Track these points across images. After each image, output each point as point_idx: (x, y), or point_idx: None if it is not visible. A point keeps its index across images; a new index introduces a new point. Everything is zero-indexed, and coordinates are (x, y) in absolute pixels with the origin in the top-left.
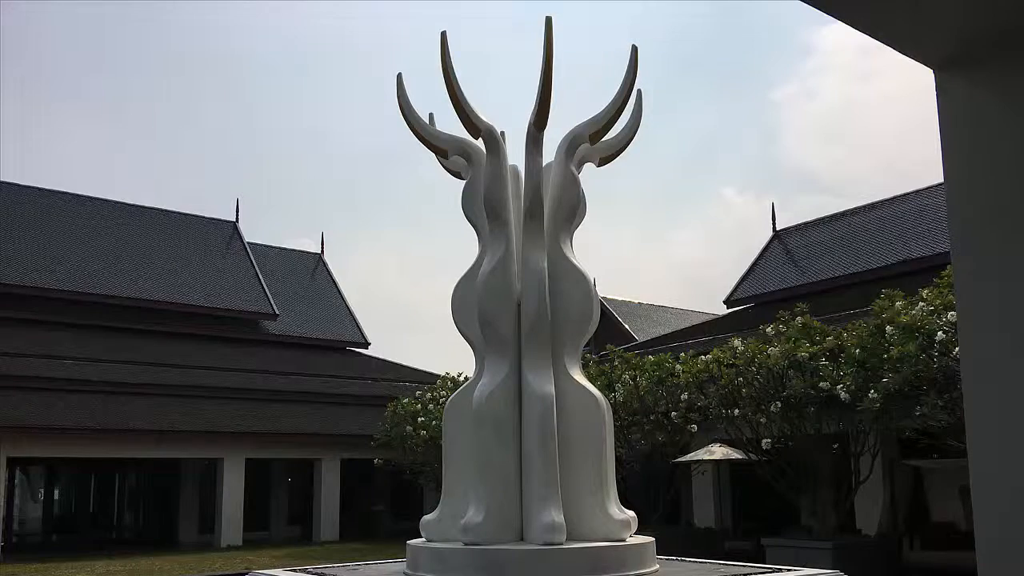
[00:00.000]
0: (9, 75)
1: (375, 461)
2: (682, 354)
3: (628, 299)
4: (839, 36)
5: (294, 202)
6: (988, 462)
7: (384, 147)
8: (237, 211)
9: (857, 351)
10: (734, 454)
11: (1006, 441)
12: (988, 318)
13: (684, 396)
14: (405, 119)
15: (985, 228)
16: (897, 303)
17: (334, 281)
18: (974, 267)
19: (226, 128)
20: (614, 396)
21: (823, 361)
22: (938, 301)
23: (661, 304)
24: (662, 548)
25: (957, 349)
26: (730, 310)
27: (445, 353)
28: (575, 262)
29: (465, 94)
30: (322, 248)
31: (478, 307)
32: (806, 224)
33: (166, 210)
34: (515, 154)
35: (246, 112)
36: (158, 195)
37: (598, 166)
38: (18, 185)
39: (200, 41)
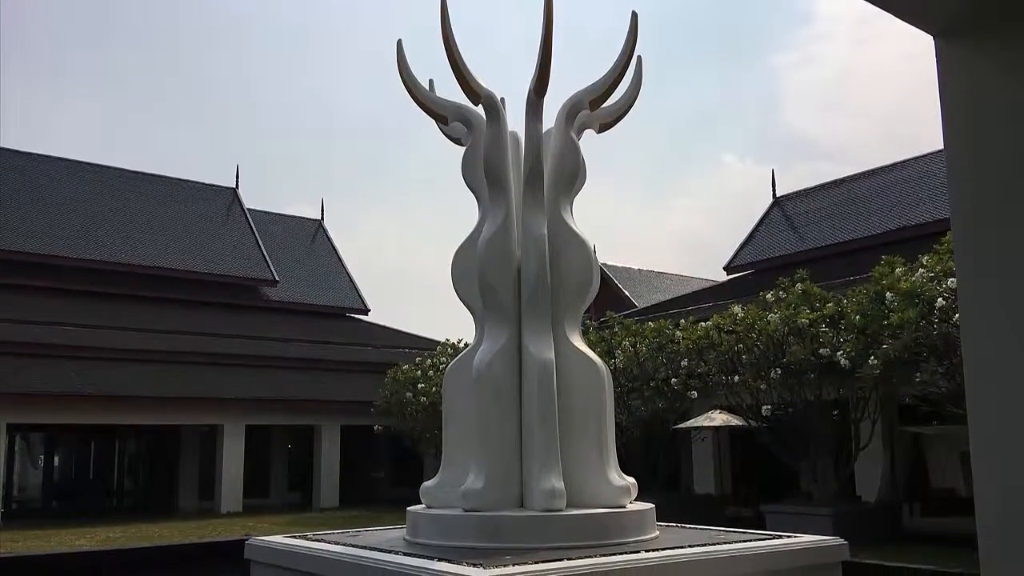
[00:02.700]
0: (9, 44)
1: (375, 428)
2: (682, 320)
3: (628, 265)
4: (839, 3)
5: (294, 168)
6: (988, 433)
7: (384, 113)
8: (237, 177)
9: (857, 317)
10: (734, 421)
11: (1006, 411)
12: (988, 284)
13: (684, 363)
14: (405, 85)
15: (985, 195)
16: (897, 269)
17: (334, 248)
18: (974, 233)
19: (226, 94)
20: (614, 362)
21: (823, 327)
22: (938, 267)
23: (661, 270)
24: (662, 515)
25: (957, 316)
26: (730, 276)
27: (445, 320)
28: (575, 228)
29: (465, 60)
30: (322, 214)
31: (478, 273)
32: (806, 190)
33: (166, 176)
34: (515, 121)
35: (246, 78)
36: (158, 162)
37: (598, 132)
38: (18, 151)
39: (200, 7)
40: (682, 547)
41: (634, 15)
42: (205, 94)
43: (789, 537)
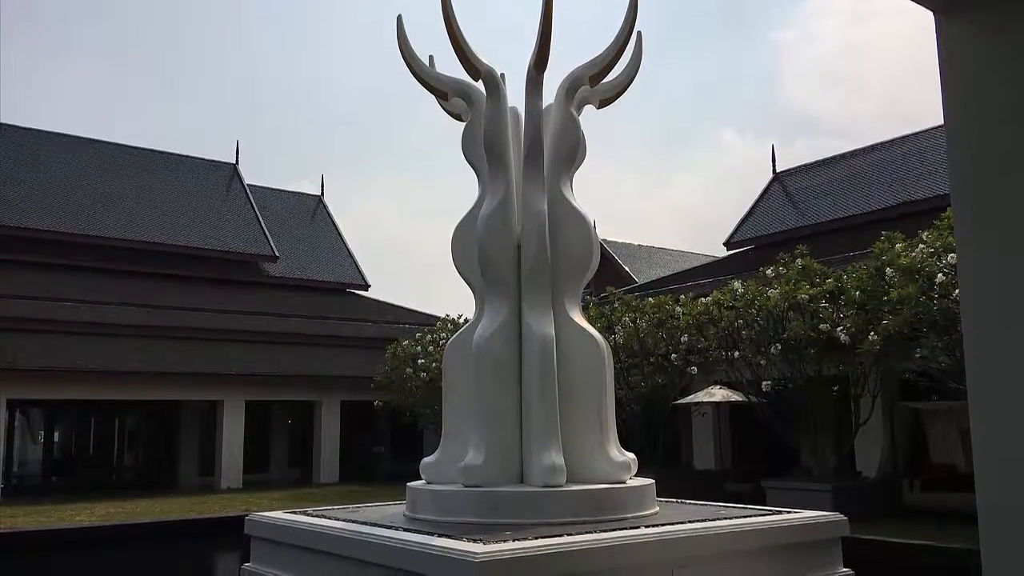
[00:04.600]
0: (10, 19)
1: (375, 403)
2: (682, 296)
3: (628, 241)
4: None
5: (294, 144)
6: (988, 408)
7: (385, 89)
8: (237, 153)
9: (857, 293)
10: (734, 396)
11: (1006, 386)
12: (988, 259)
13: (684, 338)
14: (405, 61)
15: (985, 171)
16: (897, 245)
17: (334, 223)
18: (974, 209)
19: (226, 70)
20: (614, 338)
21: (823, 303)
22: (938, 243)
23: (661, 246)
24: (662, 490)
25: (957, 291)
26: (730, 252)
27: (445, 295)
28: (575, 204)
29: (465, 36)
30: (322, 190)
31: (478, 249)
32: (806, 166)
33: (166, 152)
34: (515, 97)
35: (246, 54)
36: (158, 137)
37: (598, 108)
38: (17, 127)
39: None
40: (682, 523)
41: None
42: (205, 70)
43: (789, 513)
